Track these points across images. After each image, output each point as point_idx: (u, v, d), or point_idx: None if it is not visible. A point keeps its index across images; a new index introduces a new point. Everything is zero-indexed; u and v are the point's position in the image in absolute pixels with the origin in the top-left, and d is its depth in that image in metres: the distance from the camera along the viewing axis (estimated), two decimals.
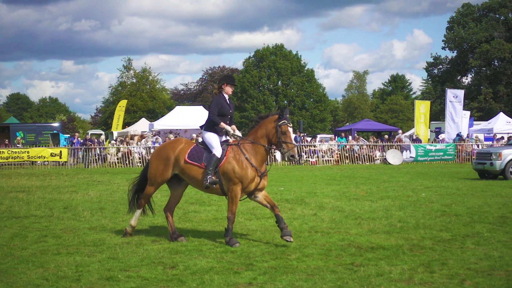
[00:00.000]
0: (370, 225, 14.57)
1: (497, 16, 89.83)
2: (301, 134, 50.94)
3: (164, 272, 9.98)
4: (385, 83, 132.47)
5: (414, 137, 50.76)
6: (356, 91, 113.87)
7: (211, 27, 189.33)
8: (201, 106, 58.14)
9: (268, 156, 13.21)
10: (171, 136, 46.88)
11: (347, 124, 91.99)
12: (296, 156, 12.83)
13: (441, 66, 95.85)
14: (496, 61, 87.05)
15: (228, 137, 12.99)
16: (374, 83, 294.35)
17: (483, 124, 61.06)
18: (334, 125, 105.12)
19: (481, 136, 55.42)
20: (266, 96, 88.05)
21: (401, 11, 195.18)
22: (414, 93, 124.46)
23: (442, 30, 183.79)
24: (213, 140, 12.73)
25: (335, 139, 53.03)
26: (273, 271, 9.99)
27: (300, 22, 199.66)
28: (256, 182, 12.49)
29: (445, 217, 15.73)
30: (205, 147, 12.85)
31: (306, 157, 47.09)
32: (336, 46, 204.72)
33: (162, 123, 51.70)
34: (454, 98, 51.96)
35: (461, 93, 53.59)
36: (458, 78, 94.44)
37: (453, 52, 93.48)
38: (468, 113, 57.45)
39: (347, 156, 46.89)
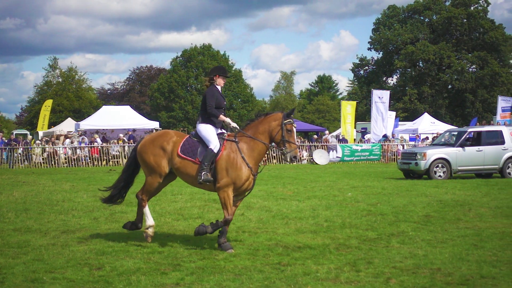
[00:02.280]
0: (297, 225, 14.66)
1: (422, 18, 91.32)
2: None
3: (90, 273, 9.87)
4: (312, 84, 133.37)
5: (341, 137, 51.21)
6: (284, 91, 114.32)
7: (139, 27, 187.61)
8: (128, 106, 57.68)
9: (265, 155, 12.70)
10: (96, 136, 46.46)
11: None
12: (298, 157, 12.57)
13: (367, 67, 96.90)
14: (420, 62, 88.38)
15: (223, 130, 12.44)
16: (301, 83, 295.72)
17: (408, 125, 61.94)
18: None
19: (406, 136, 56.21)
20: (194, 96, 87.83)
21: (328, 12, 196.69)
22: (341, 93, 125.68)
23: (368, 31, 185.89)
24: (210, 133, 12.10)
25: None
26: (200, 271, 9.97)
27: (228, 22, 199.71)
28: (250, 182, 12.09)
29: (371, 217, 15.91)
30: (199, 140, 12.22)
31: None
32: (263, 47, 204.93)
33: (89, 123, 51.05)
34: (380, 98, 52.58)
35: (386, 93, 54.24)
36: (384, 79, 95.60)
37: (378, 53, 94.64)
38: (393, 113, 58.21)
39: (274, 156, 47.02)
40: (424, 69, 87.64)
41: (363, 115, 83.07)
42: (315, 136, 54.71)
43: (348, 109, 53.19)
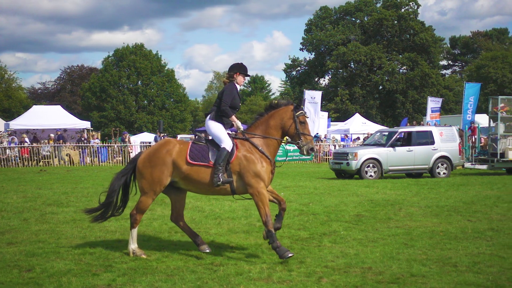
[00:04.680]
0: (229, 225, 14.66)
1: (353, 19, 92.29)
2: (161, 135, 50.76)
3: (20, 275, 9.71)
4: (245, 84, 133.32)
5: None
6: (216, 91, 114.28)
7: (70, 25, 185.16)
8: (59, 106, 57.14)
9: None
10: (25, 136, 45.81)
11: None
12: (314, 149, 12.05)
13: (299, 68, 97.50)
14: (352, 63, 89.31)
15: (230, 131, 11.69)
16: None
17: (340, 125, 62.50)
18: (194, 125, 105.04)
19: (338, 137, 56.64)
20: (126, 96, 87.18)
21: (260, 13, 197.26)
22: (273, 94, 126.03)
23: (300, 32, 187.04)
24: (220, 131, 11.37)
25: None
26: (132, 272, 9.90)
27: (160, 22, 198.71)
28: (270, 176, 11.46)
29: (303, 216, 15.98)
30: (206, 143, 11.48)
31: None
32: (196, 47, 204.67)
33: (19, 123, 50.39)
34: (312, 99, 52.83)
35: (318, 94, 54.53)
36: (316, 79, 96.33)
37: (311, 54, 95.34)
38: (325, 114, 58.63)
39: None
40: (355, 70, 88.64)
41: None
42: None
43: None
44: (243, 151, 11.32)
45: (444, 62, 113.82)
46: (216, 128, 11.47)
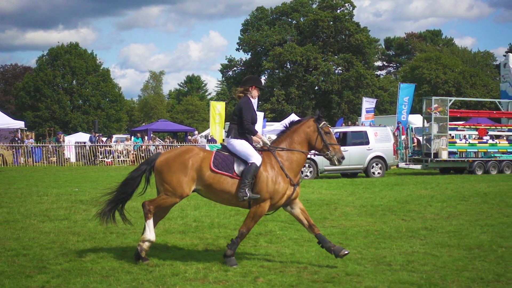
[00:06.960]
0: (165, 225, 14.59)
1: (290, 20, 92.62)
2: (97, 134, 50.38)
3: None
4: (181, 84, 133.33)
5: (210, 138, 51.31)
6: (152, 91, 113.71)
7: (3, 24, 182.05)
8: None
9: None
10: None
11: (143, 124, 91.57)
12: (344, 157, 11.76)
13: (235, 68, 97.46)
14: (288, 63, 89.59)
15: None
16: (170, 83, 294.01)
17: (276, 125, 62.60)
18: (130, 125, 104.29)
19: (274, 137, 56.52)
20: (60, 95, 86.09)
21: (197, 13, 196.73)
22: (210, 94, 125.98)
23: (237, 32, 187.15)
24: (247, 147, 11.01)
25: (131, 140, 52.80)
26: (67, 273, 9.79)
27: (96, 21, 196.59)
28: (288, 195, 10.97)
29: (239, 216, 15.99)
30: (230, 153, 11.15)
31: (102, 158, 46.72)
32: (132, 46, 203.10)
33: None
34: None
35: None
36: None
37: (247, 54, 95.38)
38: (261, 114, 58.63)
39: (143, 157, 46.66)
40: (291, 70, 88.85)
41: (231, 115, 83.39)
42: (190, 137, 54.72)
43: (217, 109, 53.24)
44: (266, 166, 11.00)
45: (379, 63, 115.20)
46: (241, 145, 11.11)
